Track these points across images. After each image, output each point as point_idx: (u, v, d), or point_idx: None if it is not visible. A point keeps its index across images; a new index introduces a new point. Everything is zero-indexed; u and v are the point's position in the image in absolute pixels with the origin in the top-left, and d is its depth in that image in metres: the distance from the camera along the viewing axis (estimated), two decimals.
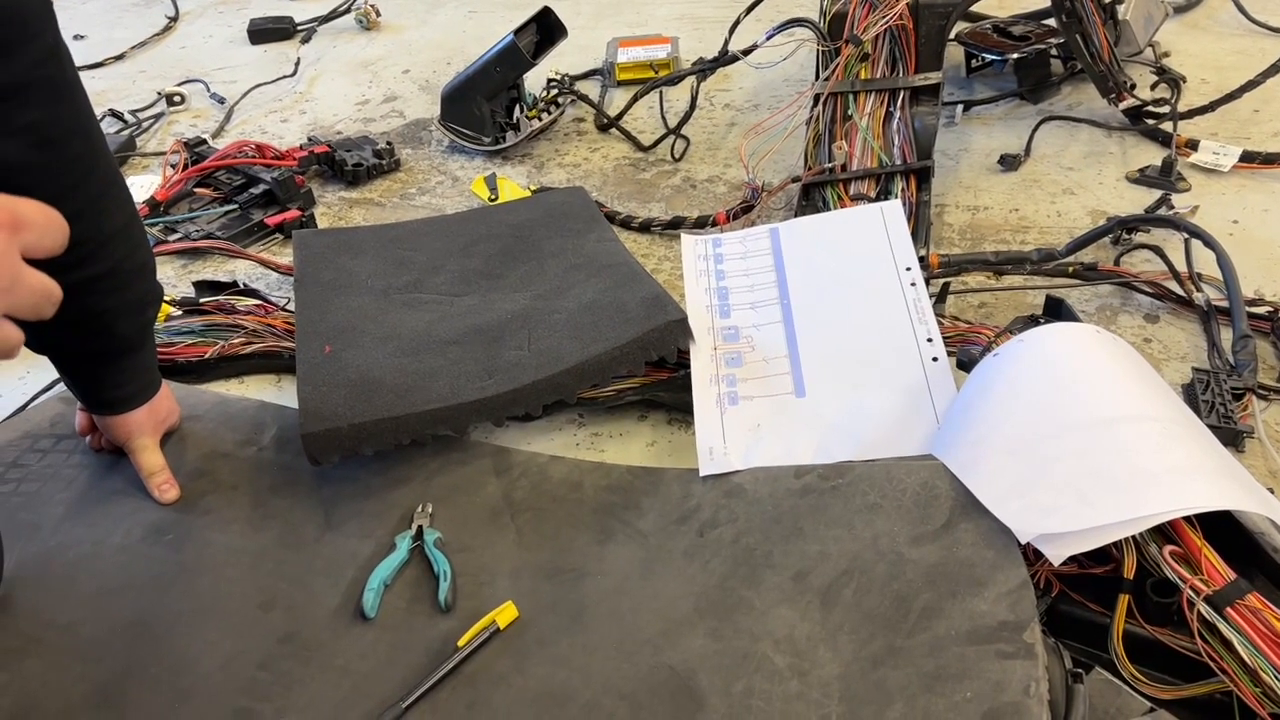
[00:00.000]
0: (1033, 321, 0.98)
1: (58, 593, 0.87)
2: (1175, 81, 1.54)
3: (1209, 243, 1.12)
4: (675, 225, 1.36)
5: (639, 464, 0.97)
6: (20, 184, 0.76)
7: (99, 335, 0.89)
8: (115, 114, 1.83)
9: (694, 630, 0.77)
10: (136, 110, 1.86)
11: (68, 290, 0.74)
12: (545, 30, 1.59)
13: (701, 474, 0.91)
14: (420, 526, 0.89)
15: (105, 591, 0.86)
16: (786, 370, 0.98)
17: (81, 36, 2.31)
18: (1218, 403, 0.93)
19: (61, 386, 1.13)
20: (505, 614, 0.80)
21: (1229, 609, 0.67)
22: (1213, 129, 1.45)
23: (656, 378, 1.03)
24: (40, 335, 0.87)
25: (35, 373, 1.18)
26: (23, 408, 1.12)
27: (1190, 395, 0.95)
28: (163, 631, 0.83)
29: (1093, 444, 0.76)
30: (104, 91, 2.00)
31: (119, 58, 2.17)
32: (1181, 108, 1.46)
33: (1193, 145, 1.39)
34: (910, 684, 0.68)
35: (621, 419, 1.05)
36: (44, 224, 0.61)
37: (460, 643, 0.78)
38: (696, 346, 1.02)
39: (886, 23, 1.32)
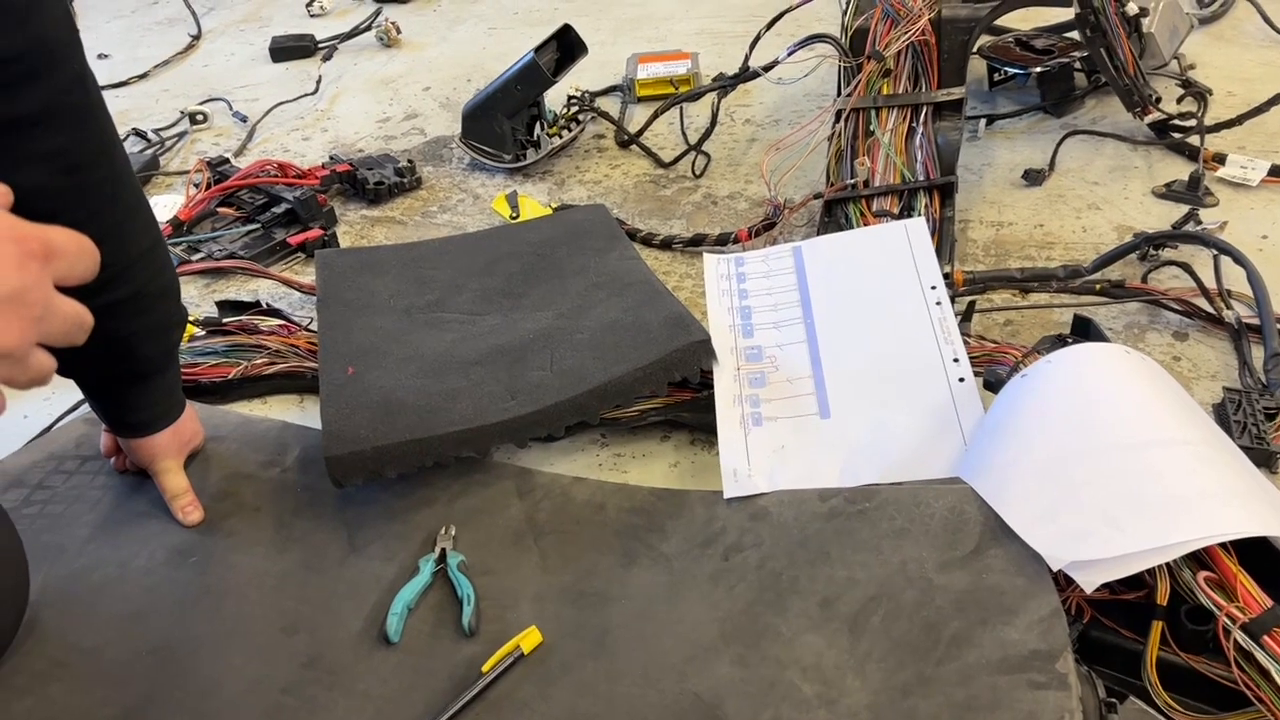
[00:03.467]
0: (1061, 341, 0.97)
1: (83, 616, 0.87)
2: (1201, 94, 1.52)
3: (1238, 259, 1.10)
4: (697, 242, 1.36)
5: (662, 485, 0.96)
6: (47, 209, 0.76)
7: (123, 359, 0.89)
8: (139, 133, 1.85)
9: (720, 657, 0.76)
10: (160, 129, 1.87)
11: (93, 314, 0.75)
12: (566, 48, 1.60)
13: (725, 496, 0.90)
14: (443, 549, 0.89)
15: (130, 615, 0.86)
16: (811, 391, 0.98)
17: (105, 56, 2.33)
18: (1250, 423, 0.92)
19: (86, 408, 1.13)
20: (529, 639, 0.79)
21: (1266, 637, 0.66)
22: (1240, 142, 1.43)
23: (679, 398, 1.03)
24: (65, 359, 0.87)
25: (60, 394, 1.19)
26: (48, 429, 1.12)
27: (1221, 415, 0.94)
28: (187, 655, 0.82)
29: (1124, 468, 0.75)
30: (128, 110, 2.02)
31: (142, 76, 2.19)
32: (1208, 121, 1.44)
33: (1220, 159, 1.37)
34: (941, 714, 0.67)
35: (644, 440, 1.04)
36: (75, 252, 0.61)
37: (485, 668, 0.77)
38: (719, 367, 1.01)
39: (909, 38, 1.31)
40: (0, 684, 0.81)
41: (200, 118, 1.92)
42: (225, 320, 1.21)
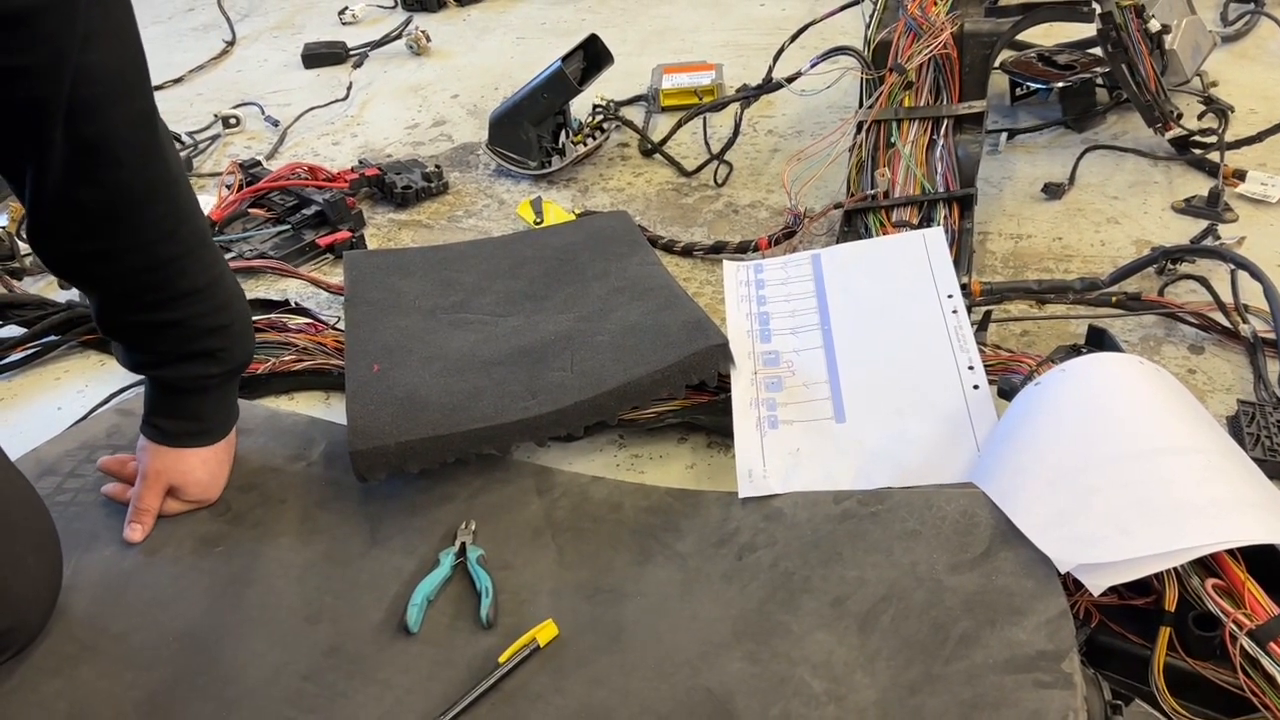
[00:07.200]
0: (1075, 351, 0.98)
1: (111, 601, 0.89)
2: (1223, 111, 1.53)
3: (1256, 274, 1.11)
4: (717, 250, 1.37)
5: (678, 486, 0.98)
6: (98, 230, 0.80)
7: (157, 361, 0.92)
8: (173, 135, 1.88)
9: (731, 653, 0.77)
10: (194, 132, 1.91)
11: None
12: (592, 57, 1.62)
13: (740, 497, 0.91)
14: (463, 543, 0.91)
15: (157, 601, 0.89)
16: (827, 395, 0.99)
17: None
18: (1263, 435, 0.93)
19: (119, 399, 1.16)
20: (545, 632, 0.81)
21: (1272, 644, 0.67)
22: (1261, 159, 1.44)
23: (697, 401, 1.04)
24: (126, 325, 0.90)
25: (94, 386, 1.22)
26: (82, 420, 1.15)
27: (1235, 428, 0.95)
28: (212, 642, 0.85)
29: (1135, 475, 0.75)
30: (163, 114, 2.03)
31: (177, 81, 2.23)
32: (1229, 137, 1.45)
33: (1240, 175, 1.38)
34: (948, 712, 0.68)
35: (661, 441, 1.06)
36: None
37: (501, 659, 0.79)
38: (737, 370, 1.03)
39: (931, 52, 1.32)
40: (31, 665, 0.84)
41: (233, 121, 1.96)
42: (255, 318, 1.23)
